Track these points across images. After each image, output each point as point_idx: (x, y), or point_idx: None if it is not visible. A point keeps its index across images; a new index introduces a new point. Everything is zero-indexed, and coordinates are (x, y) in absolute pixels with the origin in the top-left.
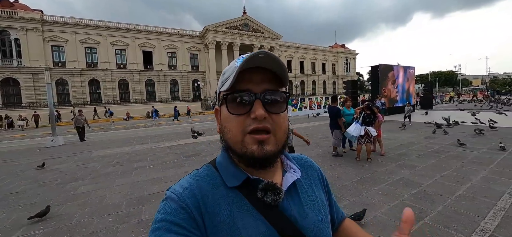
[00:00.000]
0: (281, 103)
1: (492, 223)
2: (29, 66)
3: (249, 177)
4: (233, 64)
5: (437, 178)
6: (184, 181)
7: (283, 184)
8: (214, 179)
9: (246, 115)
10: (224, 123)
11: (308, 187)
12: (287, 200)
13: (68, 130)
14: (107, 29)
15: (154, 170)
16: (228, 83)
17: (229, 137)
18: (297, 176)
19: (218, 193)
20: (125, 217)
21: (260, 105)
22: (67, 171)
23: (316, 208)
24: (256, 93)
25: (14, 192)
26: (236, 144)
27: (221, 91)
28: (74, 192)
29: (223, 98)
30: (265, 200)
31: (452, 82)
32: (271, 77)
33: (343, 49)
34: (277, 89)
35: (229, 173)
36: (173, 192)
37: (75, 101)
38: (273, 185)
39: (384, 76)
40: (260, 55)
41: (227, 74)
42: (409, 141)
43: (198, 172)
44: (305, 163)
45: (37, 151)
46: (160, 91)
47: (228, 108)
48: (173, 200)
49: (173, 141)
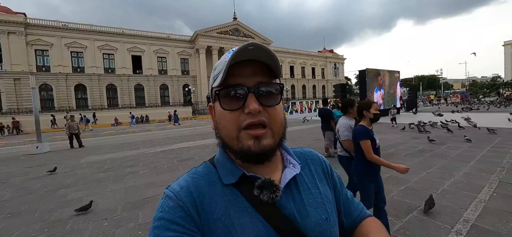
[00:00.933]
0: (275, 95)
1: (473, 213)
2: (10, 71)
3: (245, 173)
4: (223, 58)
5: (423, 175)
6: (182, 179)
7: (282, 181)
8: (212, 177)
9: (240, 110)
10: (219, 119)
11: (311, 182)
12: (287, 197)
13: (51, 138)
14: (94, 33)
15: (148, 175)
16: (219, 78)
17: (224, 134)
18: (296, 171)
19: (215, 190)
20: (121, 221)
21: (253, 99)
22: (55, 178)
23: (319, 206)
24: (249, 87)
25: (1, 200)
26: (232, 140)
27: (213, 88)
28: (64, 199)
29: (216, 94)
30: (261, 197)
31: (435, 86)
32: (263, 69)
33: (332, 54)
34: (270, 81)
35: (226, 170)
36: (170, 191)
37: (60, 107)
38: (270, 182)
39: (371, 80)
40: (250, 47)
41: (218, 69)
42: (396, 141)
43: (196, 170)
44: (308, 157)
45: (21, 159)
46: (150, 96)
47: (221, 104)
48: (171, 198)
49: (165, 146)
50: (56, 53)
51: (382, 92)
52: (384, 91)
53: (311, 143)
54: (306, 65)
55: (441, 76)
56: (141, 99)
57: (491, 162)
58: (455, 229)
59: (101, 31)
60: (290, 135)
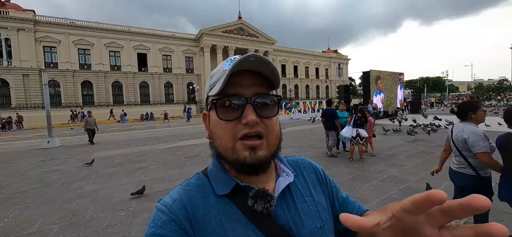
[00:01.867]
0: (272, 107)
1: None
2: (20, 66)
3: (238, 183)
4: (221, 67)
5: (422, 176)
6: (174, 192)
7: (276, 190)
8: (205, 188)
9: (236, 120)
10: (214, 128)
11: (305, 191)
12: (281, 206)
13: (60, 132)
14: (101, 30)
15: (157, 170)
16: (217, 87)
17: (220, 143)
18: (290, 180)
19: (208, 202)
20: (137, 212)
21: (251, 110)
22: (69, 171)
23: (314, 214)
24: (246, 98)
25: (20, 191)
26: (227, 151)
27: (209, 96)
28: (81, 191)
29: (212, 103)
30: (256, 208)
31: (440, 88)
32: (261, 80)
33: (336, 54)
34: (268, 92)
35: (219, 181)
36: (163, 204)
37: (67, 103)
38: (264, 192)
39: (376, 82)
40: (250, 59)
41: (215, 77)
42: (398, 143)
43: (189, 182)
44: (302, 165)
45: (33, 152)
46: (155, 94)
47: (218, 113)
48: (163, 212)
49: (171, 143)
50: (64, 50)
51: (381, 96)
52: (384, 94)
53: (313, 142)
54: (310, 65)
55: (446, 78)
56: (146, 97)
57: None
58: None
59: (107, 29)
60: (293, 134)
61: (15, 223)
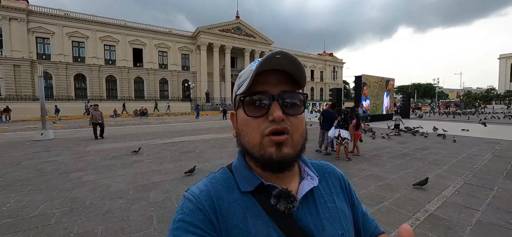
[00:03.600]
0: (298, 105)
1: (434, 205)
2: (11, 57)
3: (262, 182)
4: (249, 67)
5: (400, 174)
6: (201, 183)
7: (299, 192)
8: (229, 183)
9: (263, 117)
10: (241, 126)
11: (328, 196)
12: (303, 209)
13: (52, 125)
14: (96, 23)
15: (153, 163)
16: (245, 85)
17: (247, 140)
18: (314, 184)
19: (232, 197)
20: (134, 200)
21: (277, 107)
22: (66, 162)
23: (336, 221)
24: (273, 95)
25: (19, 179)
26: (254, 147)
27: (237, 95)
28: (79, 180)
29: (240, 101)
30: (278, 207)
31: (431, 94)
32: (287, 78)
33: (331, 57)
34: (294, 90)
35: (243, 178)
36: (190, 193)
37: (59, 96)
38: (287, 192)
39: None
40: (277, 56)
41: (243, 77)
42: (383, 145)
43: (214, 175)
44: (326, 170)
45: (27, 144)
46: (149, 89)
47: (245, 111)
48: (191, 201)
49: (166, 139)
50: (57, 42)
51: (367, 103)
52: (371, 101)
53: None
54: (306, 67)
55: (437, 85)
56: (140, 93)
57: (463, 166)
58: (415, 216)
59: (103, 22)
60: None
61: (17, 207)
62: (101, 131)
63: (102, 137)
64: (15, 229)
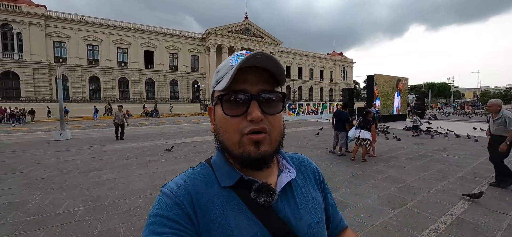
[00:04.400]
0: (277, 103)
1: (459, 209)
2: (30, 60)
3: (243, 177)
4: (227, 62)
5: (421, 176)
6: (179, 178)
7: (278, 185)
8: (209, 177)
9: (242, 116)
10: (219, 123)
11: (304, 187)
12: (282, 200)
13: (70, 125)
14: (110, 27)
15: (167, 163)
16: (224, 83)
17: (226, 138)
18: (292, 176)
19: (212, 191)
20: (153, 199)
21: (256, 107)
22: (84, 162)
23: (311, 210)
24: (252, 94)
25: (42, 178)
26: (233, 145)
27: (215, 91)
28: (98, 179)
29: (218, 98)
30: (258, 200)
31: (445, 94)
32: (267, 76)
33: (341, 57)
34: (273, 89)
35: (223, 173)
36: (168, 189)
37: (74, 97)
38: (266, 186)
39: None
40: (257, 56)
41: (222, 72)
42: (399, 145)
43: (193, 170)
44: (302, 163)
45: (47, 144)
46: (160, 91)
47: (224, 109)
48: (168, 196)
49: (179, 139)
50: (73, 46)
51: (377, 103)
52: (381, 101)
53: (317, 143)
54: (315, 67)
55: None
56: (151, 94)
57: (487, 168)
58: (441, 220)
59: (116, 25)
60: (295, 135)
61: (42, 205)
62: (121, 133)
63: (122, 138)
64: (42, 226)
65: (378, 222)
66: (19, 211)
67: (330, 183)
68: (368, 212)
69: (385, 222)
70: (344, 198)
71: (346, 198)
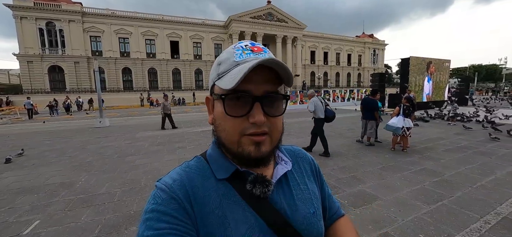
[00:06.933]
0: (280, 105)
1: (508, 208)
2: (71, 55)
3: (238, 169)
4: (231, 56)
5: (461, 170)
6: (174, 172)
7: (274, 176)
8: (204, 171)
9: (244, 117)
10: (219, 120)
11: (300, 179)
12: (278, 192)
13: (107, 114)
14: (138, 20)
15: (194, 150)
16: (227, 81)
17: (225, 136)
18: (288, 168)
19: (208, 184)
20: None
21: (259, 110)
22: (120, 147)
23: (307, 201)
24: (256, 96)
25: (86, 161)
26: (232, 144)
27: (216, 84)
28: (133, 164)
29: (221, 98)
30: (254, 192)
31: (495, 77)
32: (272, 77)
33: (371, 39)
34: (277, 90)
35: (219, 165)
36: (163, 183)
37: (110, 88)
38: (262, 177)
39: (415, 70)
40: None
41: (224, 67)
42: (437, 136)
43: (188, 164)
44: (298, 155)
45: (89, 131)
46: (185, 80)
47: (225, 107)
48: (163, 191)
49: (204, 127)
50: (107, 39)
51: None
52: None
53: (343, 131)
54: (342, 51)
55: (504, 66)
56: (178, 83)
57: None
58: (484, 219)
59: (143, 17)
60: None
61: (88, 185)
62: (171, 121)
63: (175, 127)
64: (88, 204)
65: (410, 218)
66: (69, 190)
67: (358, 174)
68: (399, 206)
69: (418, 218)
70: (372, 190)
71: (375, 190)
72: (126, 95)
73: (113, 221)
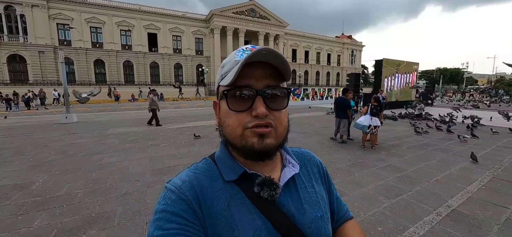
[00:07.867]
0: (282, 99)
1: (458, 201)
2: (35, 43)
3: (246, 171)
4: (232, 57)
5: (421, 166)
6: (183, 174)
7: (281, 179)
8: (213, 173)
9: (247, 111)
10: (224, 117)
11: (308, 182)
12: (285, 195)
13: (76, 109)
14: (112, 8)
15: (168, 148)
16: (229, 78)
17: (228, 132)
18: (295, 171)
19: (216, 186)
20: (151, 183)
21: (261, 102)
22: (88, 145)
23: (315, 204)
24: (257, 90)
25: (46, 160)
26: (236, 138)
27: (220, 85)
28: (100, 162)
29: (223, 94)
30: (262, 195)
31: (458, 80)
32: (272, 72)
33: (350, 40)
34: (278, 84)
35: (227, 167)
36: (172, 185)
37: (81, 81)
38: (270, 180)
39: (388, 71)
40: (262, 52)
41: (227, 67)
42: (403, 134)
43: (197, 166)
44: (306, 158)
45: (53, 127)
46: (164, 74)
47: (228, 104)
48: (173, 192)
49: (181, 123)
50: (77, 28)
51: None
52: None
53: (318, 129)
54: (322, 51)
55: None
56: (156, 77)
57: (492, 159)
58: (437, 211)
59: (118, 6)
60: (298, 120)
61: (45, 187)
62: (156, 118)
63: (159, 124)
64: (43, 207)
65: (371, 212)
66: (23, 193)
67: (328, 170)
68: (363, 201)
69: (379, 212)
70: (340, 186)
71: (343, 186)
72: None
73: (71, 225)
